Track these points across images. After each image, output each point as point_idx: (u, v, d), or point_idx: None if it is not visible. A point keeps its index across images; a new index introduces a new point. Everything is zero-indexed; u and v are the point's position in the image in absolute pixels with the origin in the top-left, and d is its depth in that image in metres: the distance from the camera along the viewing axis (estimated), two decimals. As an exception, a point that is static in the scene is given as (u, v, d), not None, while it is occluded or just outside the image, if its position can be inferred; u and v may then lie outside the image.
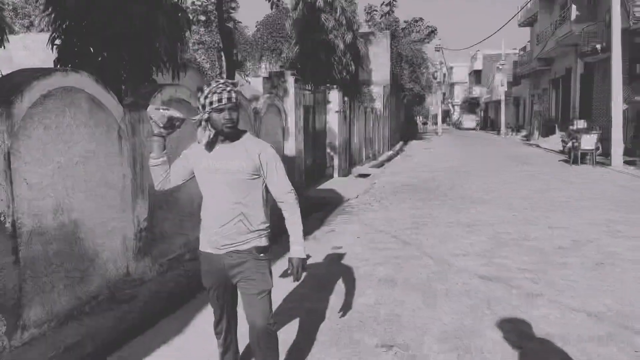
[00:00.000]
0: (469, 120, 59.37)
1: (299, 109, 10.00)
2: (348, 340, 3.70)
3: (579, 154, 16.17)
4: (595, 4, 22.34)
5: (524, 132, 36.58)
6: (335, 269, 5.51)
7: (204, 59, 15.01)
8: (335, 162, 13.59)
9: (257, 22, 24.82)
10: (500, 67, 41.98)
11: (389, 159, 20.78)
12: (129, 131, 4.58)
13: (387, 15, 28.95)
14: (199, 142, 2.61)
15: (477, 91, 63.99)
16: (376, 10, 28.90)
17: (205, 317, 4.19)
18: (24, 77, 3.40)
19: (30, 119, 3.49)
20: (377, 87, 23.92)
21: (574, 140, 16.47)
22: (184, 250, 5.55)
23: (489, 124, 54.72)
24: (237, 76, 12.52)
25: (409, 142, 33.09)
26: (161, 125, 2.61)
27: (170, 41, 5.16)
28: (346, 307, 4.31)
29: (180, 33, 5.23)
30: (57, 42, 5.25)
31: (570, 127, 18.56)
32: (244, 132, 2.72)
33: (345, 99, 14.38)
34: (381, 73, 25.52)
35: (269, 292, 2.73)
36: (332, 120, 13.59)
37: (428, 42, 32.26)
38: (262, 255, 2.70)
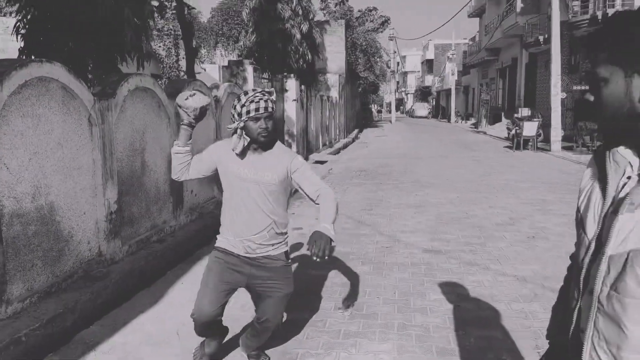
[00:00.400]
0: (422, 109, 60.88)
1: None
2: (308, 305, 4.15)
3: (522, 140, 17.20)
4: (538, -3, 23.52)
5: (472, 120, 37.99)
6: (296, 247, 5.94)
7: (159, 46, 15.00)
8: (293, 149, 13.97)
9: (212, 8, 24.72)
10: (451, 56, 43.27)
11: (345, 146, 21.34)
12: (98, 118, 4.81)
13: (342, 4, 29.38)
14: (233, 150, 2.61)
15: (429, 80, 65.57)
16: (330, -1, 29.28)
17: (178, 291, 4.55)
18: (4, 67, 3.61)
19: (9, 107, 3.71)
20: (333, 76, 24.37)
21: (517, 128, 17.50)
22: (151, 233, 5.83)
23: (440, 112, 56.34)
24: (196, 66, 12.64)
25: (364, 130, 33.80)
26: (192, 116, 2.64)
27: (135, 32, 5.38)
28: (305, 278, 4.76)
29: (145, 24, 5.47)
30: (23, 31, 5.38)
31: (515, 115, 19.64)
32: (275, 141, 2.73)
33: (302, 87, 14.75)
34: (337, 62, 25.97)
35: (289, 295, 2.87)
36: (290, 108, 13.94)
37: (382, 32, 32.96)
38: (289, 260, 2.87)
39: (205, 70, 18.78)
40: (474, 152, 16.94)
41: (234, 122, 2.58)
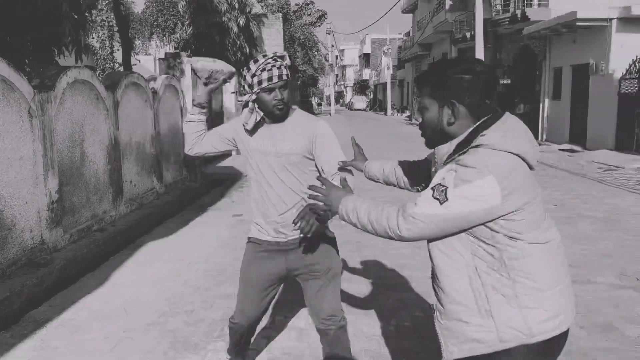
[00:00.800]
0: (360, 102, 62.14)
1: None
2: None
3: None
4: (465, -5, 24.78)
5: (407, 113, 39.38)
6: (237, 232, 6.29)
7: (93, 38, 14.68)
8: (232, 141, 14.20)
9: (147, -1, 24.22)
10: (386, 51, 44.50)
11: (284, 138, 21.68)
12: (38, 110, 4.94)
13: (279, -4, 29.58)
14: (244, 125, 2.33)
15: (367, 74, 66.96)
16: (268, -9, 29.40)
17: (122, 274, 4.80)
18: (-55, 61, 3.73)
19: (-50, 99, 3.83)
20: (271, 69, 24.58)
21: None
22: (92, 222, 5.98)
23: (377, 105, 57.81)
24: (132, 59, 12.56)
25: (303, 122, 34.20)
26: (202, 77, 2.45)
27: (74, 26, 5.51)
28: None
29: (83, 18, 5.59)
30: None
31: (445, 107, 20.73)
32: (293, 109, 2.41)
33: (241, 79, 14.95)
34: (275, 55, 26.19)
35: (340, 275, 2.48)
36: (229, 100, 14.13)
37: (319, 26, 33.45)
38: (332, 233, 2.48)
39: (139, 61, 18.49)
40: (406, 143, 17.82)
41: (244, 95, 2.29)
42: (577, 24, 13.95)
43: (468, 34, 22.39)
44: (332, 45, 46.21)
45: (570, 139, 15.84)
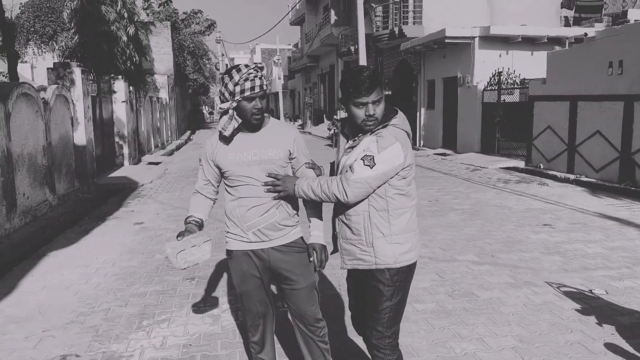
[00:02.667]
0: (252, 110, 62.06)
1: (87, 99, 10.27)
2: (160, 279, 4.83)
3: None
4: (349, 10, 26.33)
5: (299, 121, 40.51)
6: (140, 238, 6.46)
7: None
8: (125, 150, 13.94)
9: (21, 3, 22.65)
10: (277, 61, 45.37)
11: (178, 147, 21.47)
12: None
13: (166, 4, 29.16)
14: (222, 130, 2.38)
15: (258, 82, 67.12)
16: (154, -1, 28.86)
17: (29, 281, 4.84)
18: None
19: None
20: (161, 77, 24.21)
21: (336, 128, 19.67)
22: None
23: (271, 114, 58.41)
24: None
25: (196, 131, 33.85)
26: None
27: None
28: (155, 261, 5.39)
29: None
30: None
31: (334, 116, 21.91)
32: (268, 117, 2.50)
33: (131, 88, 14.71)
34: (165, 63, 25.80)
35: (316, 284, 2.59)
36: (119, 110, 13.87)
37: (208, 34, 33.40)
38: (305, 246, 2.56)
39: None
40: (300, 150, 18.62)
41: (225, 102, 2.36)
42: (446, 40, 15.68)
43: (352, 48, 23.83)
44: (223, 54, 46.11)
45: (443, 144, 17.66)
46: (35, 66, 20.35)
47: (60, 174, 8.81)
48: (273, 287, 2.72)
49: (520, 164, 12.62)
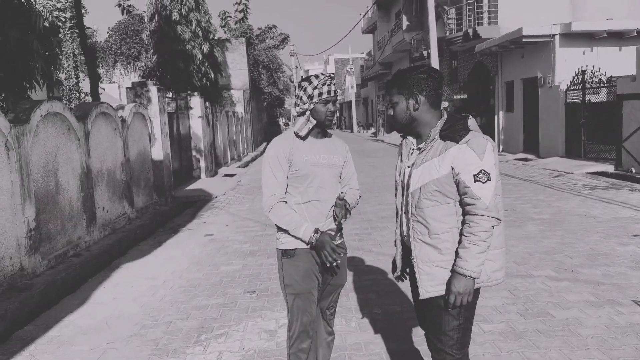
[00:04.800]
0: (326, 120, 62.66)
1: (163, 116, 10.78)
2: (222, 291, 4.87)
3: (413, 145, 18.93)
4: (421, 14, 25.87)
5: (373, 130, 40.27)
6: (208, 249, 6.61)
7: (60, 71, 14.78)
8: (202, 164, 14.47)
9: (109, 28, 24.44)
10: (349, 70, 45.52)
11: (254, 159, 22.04)
12: (15, 143, 5.22)
13: (242, 21, 30.17)
14: (298, 131, 2.56)
15: (332, 92, 67.73)
16: (230, 17, 29.97)
17: (101, 293, 5.06)
18: None
19: None
20: (237, 92, 25.03)
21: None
22: (67, 248, 6.22)
23: (343, 123, 58.78)
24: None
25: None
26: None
27: (45, 62, 5.82)
28: (220, 273, 5.46)
29: (54, 55, 5.91)
30: None
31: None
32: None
33: (207, 104, 15.30)
34: (240, 78, 26.67)
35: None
36: (196, 125, 14.44)
37: (282, 48, 34.09)
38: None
39: (104, 90, 18.67)
40: (372, 159, 18.42)
41: (303, 104, 2.55)
42: (524, 40, 14.89)
43: (425, 52, 23.35)
44: (297, 67, 47.00)
45: (525, 149, 16.72)
46: (122, 86, 21.81)
47: (139, 188, 9.26)
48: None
49: (609, 168, 11.64)
